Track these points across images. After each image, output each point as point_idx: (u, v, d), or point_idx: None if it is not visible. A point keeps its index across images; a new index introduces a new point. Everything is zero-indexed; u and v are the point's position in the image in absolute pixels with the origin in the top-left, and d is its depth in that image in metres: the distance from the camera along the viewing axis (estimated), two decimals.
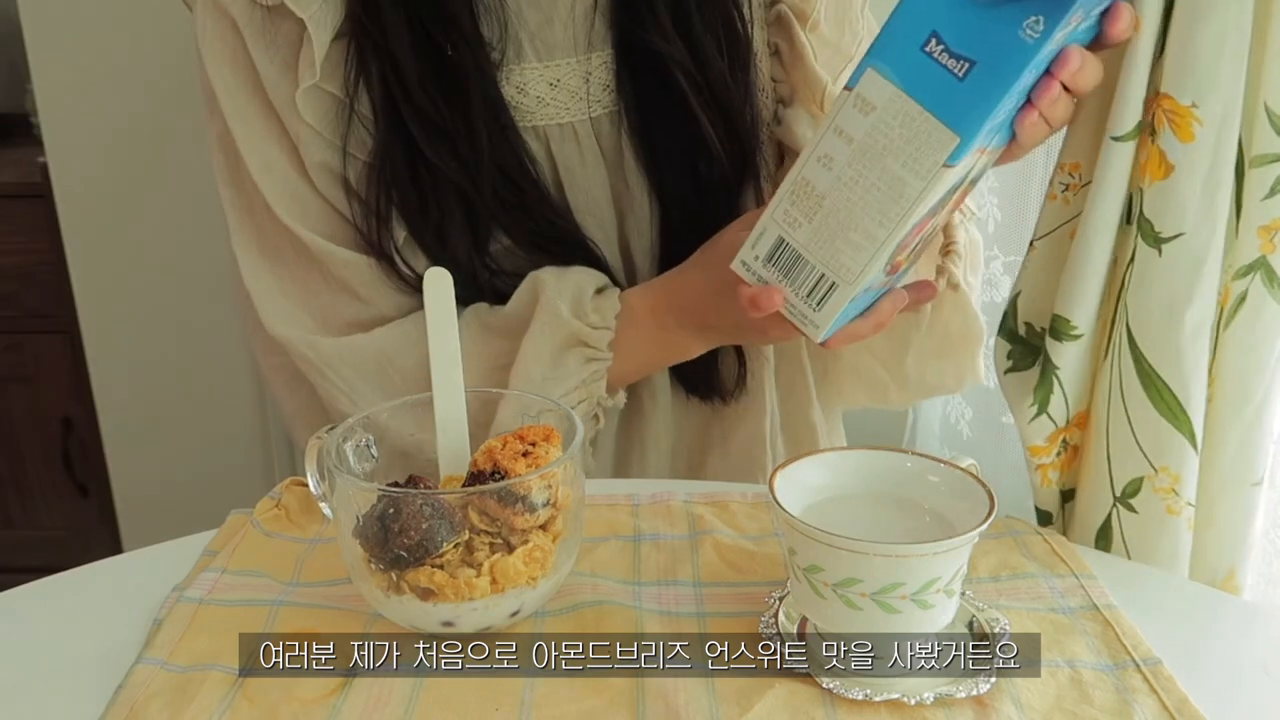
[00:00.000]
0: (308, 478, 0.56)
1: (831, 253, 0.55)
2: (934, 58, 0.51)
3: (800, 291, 0.57)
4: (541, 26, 0.74)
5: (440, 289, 0.55)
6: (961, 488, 0.52)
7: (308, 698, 0.50)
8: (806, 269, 0.56)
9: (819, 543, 0.48)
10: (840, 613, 0.49)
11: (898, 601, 0.48)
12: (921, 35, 0.51)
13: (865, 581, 0.48)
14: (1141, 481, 0.62)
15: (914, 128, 0.52)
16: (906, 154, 0.52)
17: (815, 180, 0.55)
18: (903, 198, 0.53)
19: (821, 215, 0.55)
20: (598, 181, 0.77)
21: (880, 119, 0.52)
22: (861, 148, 0.53)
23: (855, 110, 0.53)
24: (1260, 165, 0.58)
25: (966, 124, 0.51)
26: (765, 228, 0.57)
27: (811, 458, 0.55)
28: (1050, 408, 0.65)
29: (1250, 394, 0.61)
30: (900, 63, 0.52)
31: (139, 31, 1.29)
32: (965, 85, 0.51)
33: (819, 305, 0.57)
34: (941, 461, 0.54)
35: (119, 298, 1.43)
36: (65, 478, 1.71)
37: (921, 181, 0.52)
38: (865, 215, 0.54)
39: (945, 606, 0.50)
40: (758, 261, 0.58)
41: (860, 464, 0.55)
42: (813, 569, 0.49)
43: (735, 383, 0.81)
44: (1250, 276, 0.60)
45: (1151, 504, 0.62)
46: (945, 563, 0.48)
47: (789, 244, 0.56)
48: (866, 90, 0.53)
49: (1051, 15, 0.50)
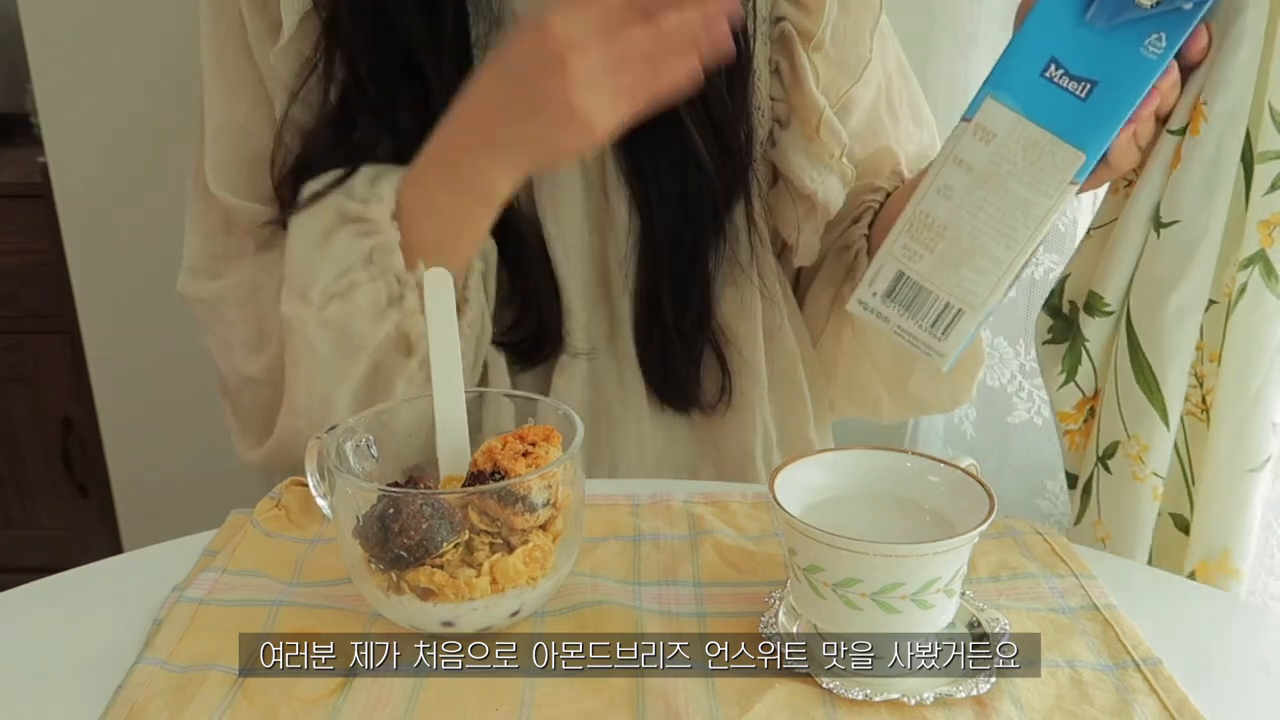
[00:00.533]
0: (308, 478, 0.56)
1: (956, 280, 0.56)
2: (1054, 82, 0.52)
3: (924, 322, 0.58)
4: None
5: (440, 289, 0.55)
6: (961, 488, 0.52)
7: (308, 698, 0.50)
8: (930, 299, 0.57)
9: (819, 543, 0.48)
10: (840, 613, 0.49)
11: (898, 601, 0.48)
12: (1040, 62, 0.52)
13: (865, 581, 0.48)
14: (1117, 445, 0.66)
15: (1038, 150, 0.53)
16: (1031, 176, 0.54)
17: (934, 211, 0.55)
18: (1029, 218, 0.54)
19: (944, 245, 0.56)
20: (568, 185, 0.75)
21: (1002, 145, 0.54)
22: (983, 175, 0.54)
23: (975, 139, 0.54)
24: (1264, 161, 0.60)
25: (1092, 142, 0.53)
26: (882, 264, 0.58)
27: (811, 458, 0.55)
28: (1078, 376, 0.68)
29: (1248, 382, 0.63)
30: (1020, 90, 0.53)
31: (139, 31, 1.29)
32: (1088, 105, 0.52)
33: (944, 334, 0.58)
34: (941, 461, 0.54)
35: (119, 298, 1.43)
36: (65, 478, 1.71)
37: (1049, 200, 0.54)
38: (991, 240, 0.55)
39: (945, 606, 0.50)
40: (875, 298, 0.58)
41: (860, 464, 0.55)
42: (813, 569, 0.49)
43: (718, 395, 0.80)
44: (1250, 269, 0.62)
45: (1123, 467, 0.66)
46: (945, 563, 0.48)
47: (909, 277, 0.57)
48: (986, 119, 0.54)
49: (1173, 32, 0.52)
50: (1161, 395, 0.63)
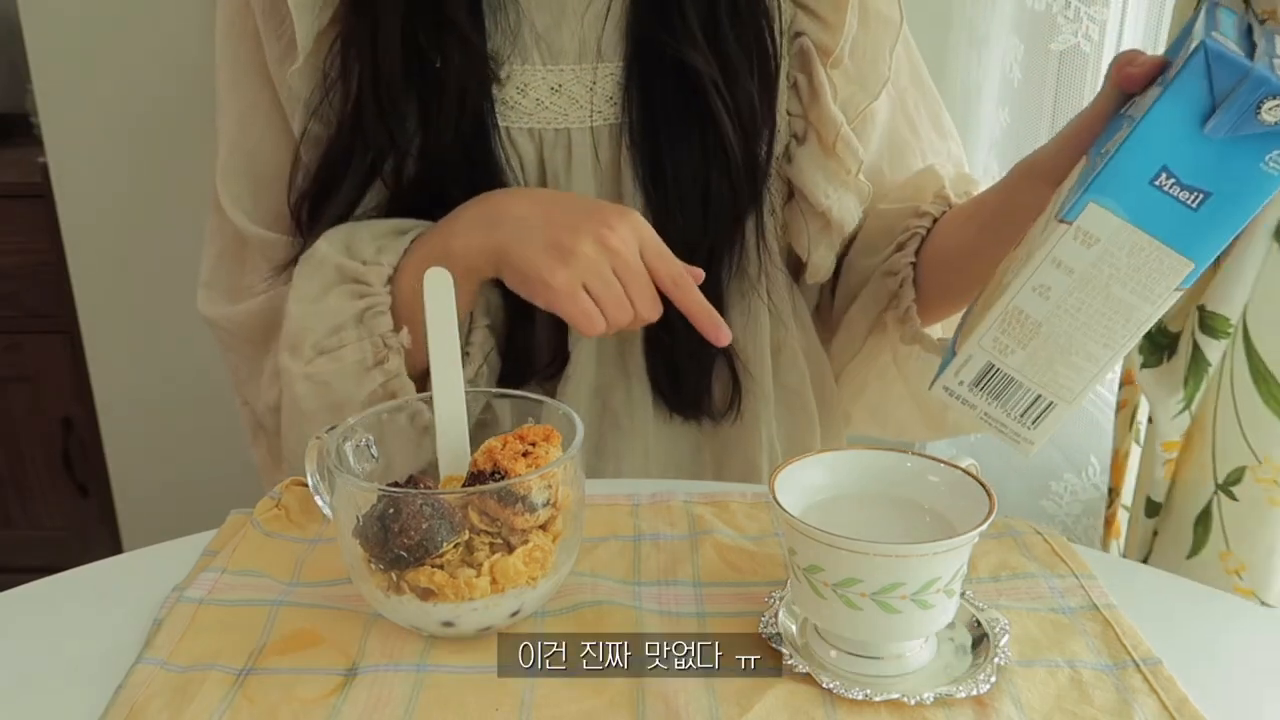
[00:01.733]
0: (307, 478, 0.56)
1: (1050, 375, 0.56)
2: (1164, 190, 0.51)
3: (1012, 412, 0.57)
4: (549, 29, 0.73)
5: (440, 289, 0.55)
6: (961, 488, 0.52)
7: (308, 698, 0.50)
8: (1020, 391, 0.57)
9: (819, 543, 0.48)
10: (840, 613, 0.49)
11: (898, 601, 0.48)
12: (1150, 170, 0.51)
13: (865, 581, 0.48)
14: (1244, 471, 0.64)
15: (1143, 256, 0.52)
16: (1136, 281, 0.53)
17: (1030, 309, 0.55)
18: (1131, 321, 0.53)
19: (1038, 341, 0.55)
20: (580, 191, 0.75)
21: (1105, 250, 0.53)
22: (1084, 278, 0.53)
23: (1076, 243, 0.53)
24: None
25: (1202, 251, 0.52)
26: (971, 354, 0.57)
27: (812, 458, 0.55)
28: (1194, 404, 0.66)
29: None
30: (1126, 197, 0.52)
31: (139, 31, 1.30)
32: (1200, 215, 0.51)
33: (1035, 424, 0.57)
34: (941, 462, 0.54)
35: (119, 298, 1.43)
36: (65, 478, 1.71)
37: (1152, 306, 0.53)
38: (1088, 339, 0.54)
39: (945, 606, 0.50)
40: (962, 386, 0.58)
41: (860, 464, 0.55)
42: (813, 569, 0.49)
43: (728, 404, 0.80)
44: None
45: (1253, 493, 0.64)
46: (945, 563, 0.48)
47: (999, 369, 0.56)
48: (1088, 224, 0.53)
49: None
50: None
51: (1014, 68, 1.08)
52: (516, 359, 0.77)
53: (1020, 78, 1.08)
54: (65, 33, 1.30)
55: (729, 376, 0.79)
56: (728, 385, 0.80)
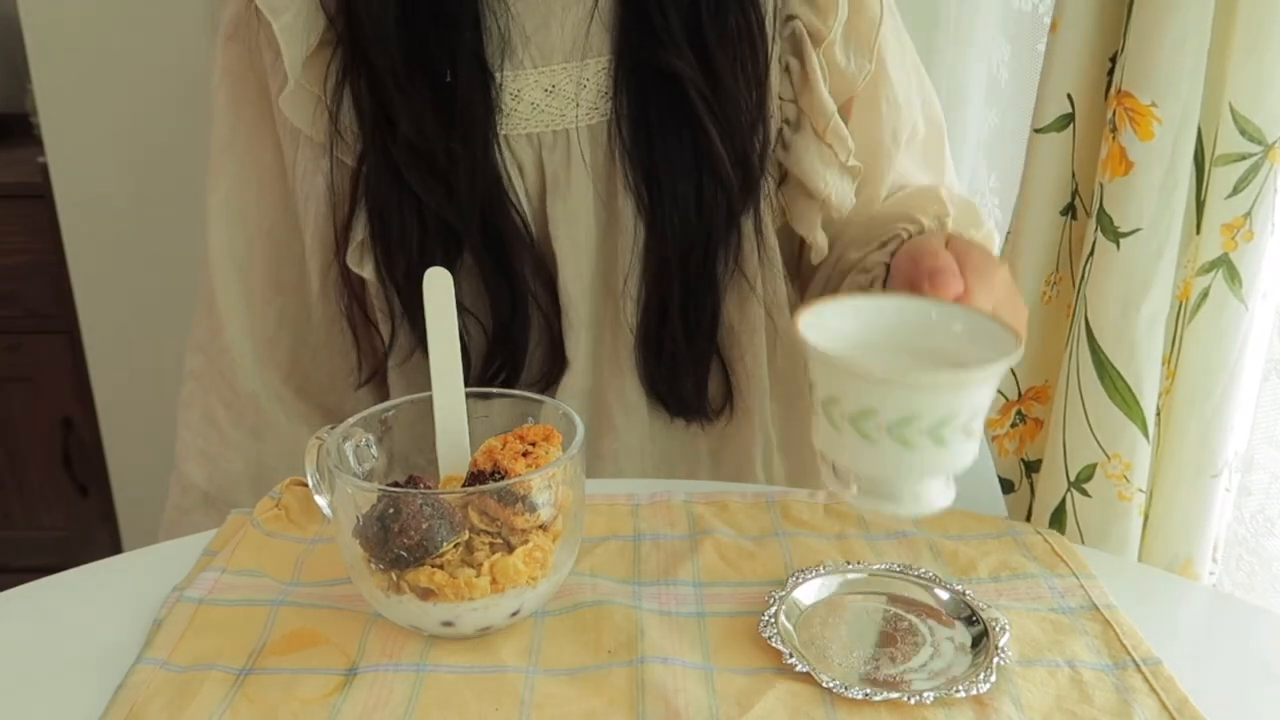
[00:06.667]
0: (307, 477, 0.56)
1: None
2: None
3: None
4: (538, 30, 0.72)
5: (440, 288, 0.55)
6: (985, 333, 0.50)
7: (308, 698, 0.50)
8: None
9: (835, 370, 0.46)
10: (857, 446, 0.47)
11: (914, 435, 0.46)
12: None
13: (880, 413, 0.46)
14: (1095, 468, 0.65)
15: None
16: None
17: None
18: None
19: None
20: (580, 192, 0.75)
21: None
22: None
23: None
24: (1224, 164, 0.59)
25: None
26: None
27: (839, 301, 0.52)
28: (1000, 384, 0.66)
29: (1211, 388, 0.63)
30: None
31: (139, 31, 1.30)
32: None
33: None
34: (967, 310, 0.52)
35: (119, 298, 1.43)
36: (65, 478, 1.71)
37: None
38: None
39: (963, 447, 0.47)
40: None
41: (886, 311, 0.53)
42: (830, 401, 0.47)
43: (723, 404, 0.80)
44: (1213, 273, 0.61)
45: (1104, 489, 0.64)
46: (960, 398, 0.46)
47: None
48: None
49: None
50: (1140, 408, 0.62)
51: (1001, 68, 1.09)
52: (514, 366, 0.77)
53: (1007, 78, 1.08)
54: (65, 33, 1.31)
55: (724, 376, 0.79)
56: (722, 385, 0.80)
